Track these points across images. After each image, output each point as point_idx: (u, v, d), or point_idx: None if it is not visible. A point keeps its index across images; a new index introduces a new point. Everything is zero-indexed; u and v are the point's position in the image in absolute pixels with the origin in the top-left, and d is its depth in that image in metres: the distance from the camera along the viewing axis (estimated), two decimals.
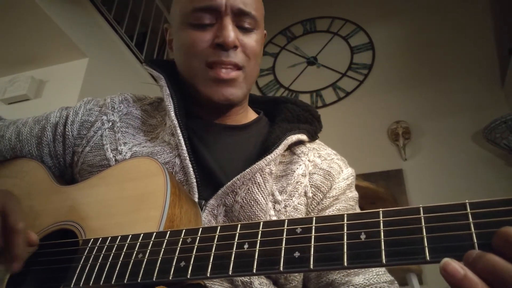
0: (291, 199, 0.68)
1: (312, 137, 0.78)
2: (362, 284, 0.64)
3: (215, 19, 0.69)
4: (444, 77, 3.04)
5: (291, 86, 3.57)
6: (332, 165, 0.75)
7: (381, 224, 0.36)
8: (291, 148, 0.75)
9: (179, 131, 0.67)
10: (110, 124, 0.74)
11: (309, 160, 0.74)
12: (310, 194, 0.70)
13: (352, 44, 3.54)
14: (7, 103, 2.54)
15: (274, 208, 0.66)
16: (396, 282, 0.68)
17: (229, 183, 0.64)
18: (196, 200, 0.63)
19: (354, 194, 0.77)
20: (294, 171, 0.71)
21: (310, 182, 0.71)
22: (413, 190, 2.73)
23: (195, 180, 0.64)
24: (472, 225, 0.33)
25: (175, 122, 0.68)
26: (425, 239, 0.34)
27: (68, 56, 2.57)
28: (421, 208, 0.36)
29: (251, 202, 0.64)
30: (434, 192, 2.66)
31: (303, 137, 0.74)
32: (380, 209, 0.37)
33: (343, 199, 0.74)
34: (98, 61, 2.65)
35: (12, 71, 2.64)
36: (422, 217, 0.35)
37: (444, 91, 2.98)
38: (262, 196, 0.65)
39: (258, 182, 0.65)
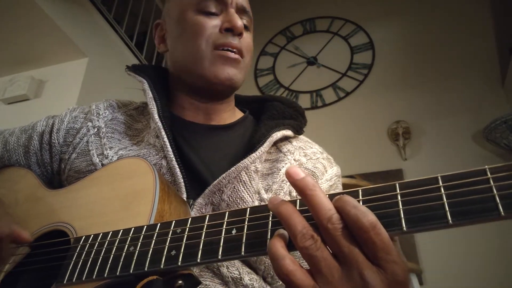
0: None
1: (297, 132, 0.78)
2: None
3: (220, 10, 0.73)
4: (444, 76, 3.04)
5: (291, 86, 3.58)
6: (317, 165, 0.75)
7: (360, 202, 0.38)
8: (277, 145, 0.75)
9: (163, 132, 0.67)
10: (96, 130, 0.74)
11: (294, 159, 0.74)
12: (294, 194, 0.70)
13: (352, 44, 3.54)
14: (7, 103, 2.54)
15: None
16: None
17: (215, 182, 0.64)
18: (185, 199, 0.63)
19: None
20: (280, 170, 0.71)
21: None
22: None
23: (182, 180, 0.64)
24: (444, 196, 0.35)
25: (159, 124, 0.68)
26: (401, 211, 0.36)
27: (68, 56, 2.57)
28: (397, 184, 0.38)
29: (237, 200, 0.64)
30: None
31: (288, 132, 0.74)
32: (359, 188, 0.40)
33: None
34: (98, 61, 2.66)
35: (11, 71, 2.64)
36: (398, 193, 0.37)
37: (444, 91, 2.98)
38: (248, 194, 0.65)
39: (244, 181, 0.65)
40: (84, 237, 0.52)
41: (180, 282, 0.44)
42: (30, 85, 2.50)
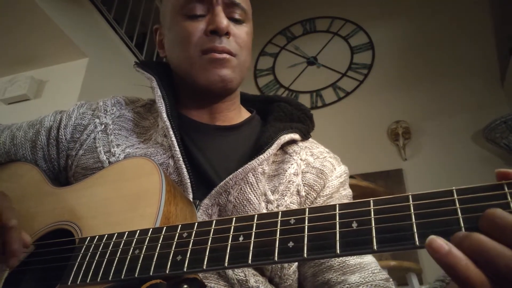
0: (283, 199, 0.68)
1: (305, 136, 0.77)
2: (357, 282, 0.63)
3: (207, 10, 0.71)
4: (444, 77, 3.04)
5: (291, 86, 3.58)
6: (324, 163, 0.75)
7: (372, 212, 0.37)
8: (283, 147, 0.75)
9: (171, 132, 0.67)
10: (103, 126, 0.74)
11: (301, 159, 0.73)
12: (303, 193, 0.70)
13: (352, 44, 3.54)
14: (7, 103, 2.54)
15: (266, 208, 0.66)
16: (391, 279, 0.67)
17: (222, 183, 0.64)
18: (191, 200, 0.63)
19: (347, 192, 0.77)
20: (286, 171, 0.71)
21: (303, 181, 0.71)
22: (413, 190, 2.70)
23: (189, 181, 0.64)
24: (459, 210, 0.34)
25: (167, 123, 0.68)
26: (414, 225, 0.35)
27: (68, 56, 2.57)
28: (410, 196, 0.37)
29: (243, 202, 0.64)
30: None
31: (296, 136, 0.74)
32: (371, 199, 0.38)
33: (337, 197, 0.74)
34: (98, 61, 2.66)
35: (12, 71, 2.64)
36: (411, 205, 0.36)
37: (444, 91, 2.99)
38: (254, 196, 0.65)
39: (251, 182, 0.65)
40: (89, 237, 0.52)
41: (185, 286, 0.44)
42: (30, 85, 2.50)
